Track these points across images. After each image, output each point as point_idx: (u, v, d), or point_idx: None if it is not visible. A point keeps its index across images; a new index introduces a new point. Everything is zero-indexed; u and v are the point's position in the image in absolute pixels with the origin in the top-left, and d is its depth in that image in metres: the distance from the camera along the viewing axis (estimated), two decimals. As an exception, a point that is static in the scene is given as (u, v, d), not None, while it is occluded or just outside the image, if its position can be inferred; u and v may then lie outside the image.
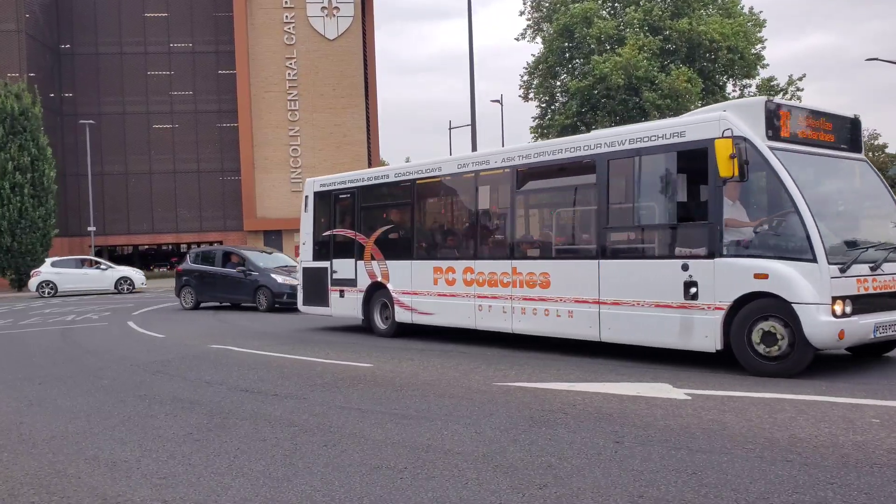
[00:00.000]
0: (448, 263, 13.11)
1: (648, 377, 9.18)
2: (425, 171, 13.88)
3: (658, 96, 41.54)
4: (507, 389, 8.69)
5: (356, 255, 14.97)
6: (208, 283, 23.40)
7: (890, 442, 6.02)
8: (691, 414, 7.19)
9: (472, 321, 12.61)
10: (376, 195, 15.04)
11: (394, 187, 14.56)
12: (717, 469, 5.50)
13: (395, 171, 14.67)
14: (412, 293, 13.73)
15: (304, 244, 16.43)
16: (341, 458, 6.17)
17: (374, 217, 15.00)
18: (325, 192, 16.07)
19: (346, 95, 50.64)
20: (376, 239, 14.65)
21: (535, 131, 50.26)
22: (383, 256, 14.40)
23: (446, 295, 13.03)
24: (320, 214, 16.14)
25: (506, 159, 12.25)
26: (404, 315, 13.91)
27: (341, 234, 15.52)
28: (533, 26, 50.10)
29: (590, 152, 10.85)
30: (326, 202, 15.97)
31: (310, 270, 16.23)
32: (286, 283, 21.41)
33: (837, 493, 4.93)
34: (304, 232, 16.43)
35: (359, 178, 15.38)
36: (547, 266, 11.45)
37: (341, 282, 15.33)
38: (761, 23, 47.11)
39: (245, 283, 22.39)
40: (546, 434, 6.65)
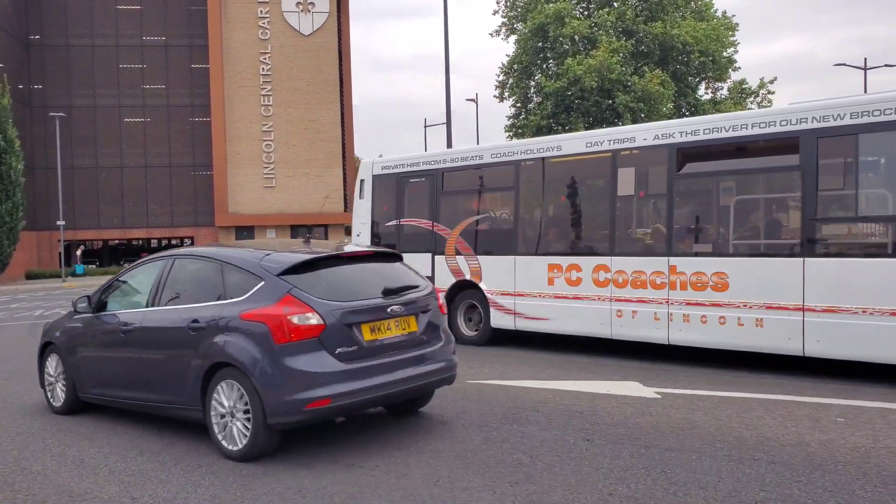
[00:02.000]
0: (570, 260, 11.07)
1: (619, 375, 9.25)
2: (538, 151, 11.68)
3: (631, 99, 41.83)
4: (480, 387, 8.71)
5: (434, 249, 12.88)
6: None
7: (854, 440, 6.12)
8: (661, 412, 7.26)
9: (607, 329, 10.59)
10: (465, 179, 12.84)
11: (491, 170, 12.35)
12: (687, 467, 5.56)
13: (491, 150, 12.39)
14: (515, 294, 11.70)
15: (357, 235, 14.20)
16: (313, 455, 6.14)
17: (462, 204, 12.97)
18: (389, 175, 13.72)
19: (321, 91, 50.38)
20: (463, 230, 12.55)
21: (509, 130, 50.38)
22: (473, 251, 12.37)
23: (567, 297, 10.98)
24: (381, 201, 13.89)
25: (661, 136, 10.23)
26: (503, 320, 11.88)
27: (412, 225, 13.42)
28: (507, 24, 50.20)
29: (791, 128, 9.04)
30: (391, 187, 13.70)
31: None
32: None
33: (803, 490, 5.01)
34: (359, 221, 14.21)
35: (439, 159, 13.10)
36: (723, 265, 9.49)
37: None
38: (734, 26, 47.61)
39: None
40: (518, 431, 6.67)
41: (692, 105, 46.78)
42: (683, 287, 9.83)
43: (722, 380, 8.87)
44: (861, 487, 5.03)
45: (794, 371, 9.24)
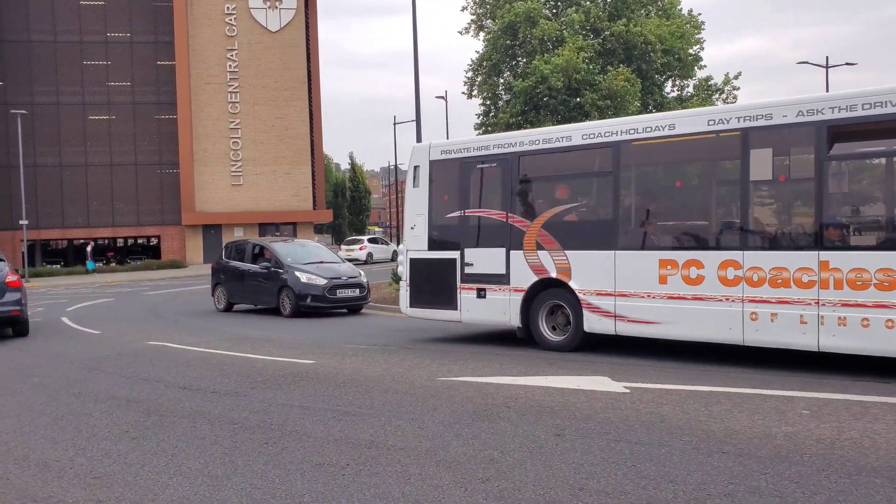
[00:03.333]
0: (689, 255, 9.71)
1: (588, 370, 9.31)
2: (644, 131, 10.24)
3: (598, 97, 42.12)
4: (450, 384, 8.71)
5: (509, 244, 11.39)
6: (238, 283, 19.65)
7: (818, 432, 6.22)
8: (630, 407, 7.32)
9: (737, 334, 9.30)
10: (548, 163, 11.51)
11: (582, 153, 11.00)
12: (656, 461, 5.60)
13: (582, 130, 11.04)
14: (616, 294, 10.28)
15: (411, 228, 12.65)
16: (282, 455, 6.10)
17: (544, 192, 11.70)
18: (450, 160, 12.25)
19: (289, 88, 50.05)
20: (547, 222, 11.06)
21: (478, 128, 50.44)
22: (560, 245, 10.85)
23: (685, 298, 9.64)
24: (441, 189, 12.43)
25: (806, 112, 8.91)
26: (600, 323, 10.47)
27: (481, 216, 11.88)
28: (476, 22, 50.25)
29: None
30: (453, 173, 12.21)
31: (422, 263, 12.49)
32: (311, 282, 17.65)
33: (770, 482, 5.07)
34: (413, 213, 12.66)
35: (515, 141, 11.61)
36: (893, 260, 8.30)
37: (481, 278, 11.66)
38: (699, 25, 48.14)
39: (268, 282, 18.55)
40: (489, 428, 6.68)
41: (658, 103, 47.21)
42: (839, 286, 8.57)
43: (689, 374, 8.96)
44: (826, 478, 5.11)
45: (760, 364, 9.36)
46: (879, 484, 4.96)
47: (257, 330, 15.32)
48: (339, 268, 18.71)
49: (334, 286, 17.63)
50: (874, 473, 5.18)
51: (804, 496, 4.79)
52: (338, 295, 17.64)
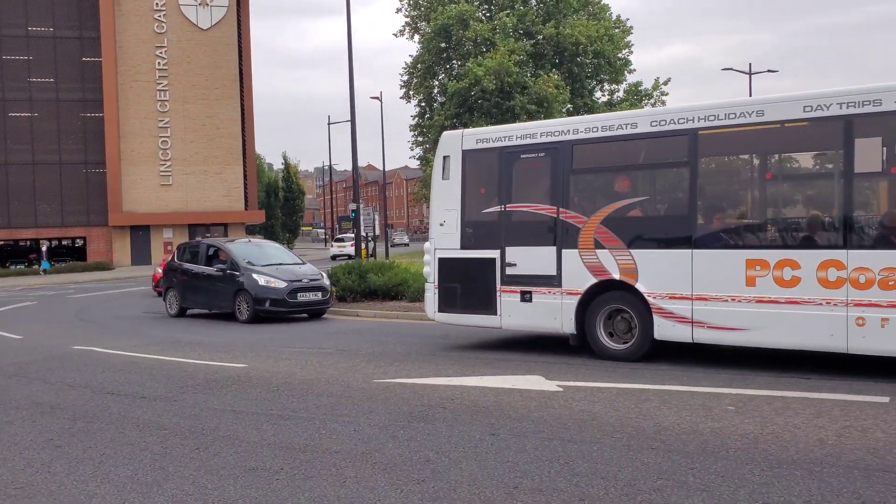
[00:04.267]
0: (782, 254, 8.85)
1: (522, 370, 9.41)
2: (727, 118, 9.26)
3: (528, 100, 42.66)
4: (386, 386, 8.70)
5: (561, 242, 10.32)
6: (191, 286, 18.32)
7: (743, 428, 6.43)
8: (563, 405, 7.44)
9: (841, 341, 8.48)
10: (608, 153, 10.51)
11: (651, 141, 9.97)
12: (588, 458, 5.71)
13: (651, 117, 10.02)
14: (694, 298, 9.31)
15: (440, 225, 11.44)
16: (214, 460, 6.00)
17: (604, 185, 10.72)
18: (488, 149, 11.13)
19: (220, 87, 49.15)
20: (608, 218, 10.02)
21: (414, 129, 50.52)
22: (623, 243, 9.84)
23: (777, 301, 8.77)
24: (476, 182, 11.40)
25: None
26: (674, 330, 9.49)
27: (527, 211, 10.85)
28: (411, 24, 50.32)
29: None
30: (491, 164, 11.15)
31: (454, 263, 11.30)
32: (270, 285, 16.49)
33: (698, 477, 5.23)
34: (441, 207, 11.48)
35: (567, 129, 10.49)
36: None
37: (526, 279, 10.58)
38: (628, 29, 49.20)
39: (223, 285, 17.28)
40: (424, 429, 6.70)
41: (588, 107, 48.06)
42: None
43: (620, 372, 9.15)
44: (750, 472, 5.29)
45: (687, 362, 9.62)
46: (799, 476, 5.16)
47: (188, 334, 15.00)
48: (300, 270, 17.62)
49: (295, 289, 16.55)
50: (794, 466, 5.38)
51: (729, 490, 4.95)
52: (298, 299, 16.57)
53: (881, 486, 4.91)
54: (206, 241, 20.25)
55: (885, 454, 5.59)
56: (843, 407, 7.03)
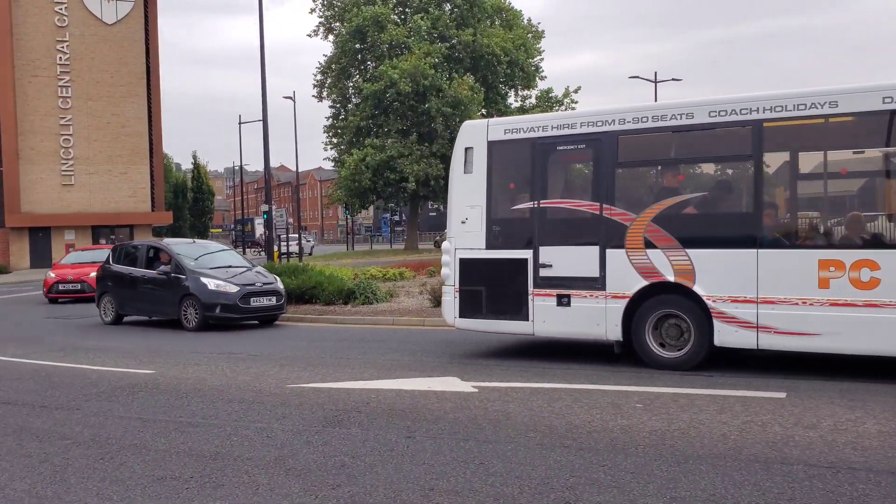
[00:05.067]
0: (858, 254, 8.29)
1: (438, 372, 9.44)
2: (794, 108, 8.67)
3: (443, 103, 42.92)
4: (300, 391, 8.58)
5: (605, 241, 9.58)
6: (129, 291, 16.94)
7: (651, 424, 6.63)
8: (478, 406, 7.50)
9: None
10: (661, 146, 9.83)
11: (708, 133, 9.31)
12: (503, 458, 5.78)
13: (710, 106, 9.17)
14: (760, 301, 8.69)
15: (462, 223, 10.52)
16: (120, 470, 5.79)
17: (655, 180, 10.03)
18: (518, 141, 10.28)
19: (126, 84, 47.46)
20: (660, 215, 9.29)
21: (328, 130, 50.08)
22: (679, 243, 9.14)
23: (855, 304, 8.22)
24: (505, 176, 10.66)
25: None
26: (737, 335, 8.85)
27: (564, 207, 10.18)
28: (325, 24, 49.88)
29: None
30: (522, 157, 10.39)
31: (479, 264, 10.43)
32: (221, 289, 15.32)
33: (608, 473, 5.36)
34: (463, 203, 10.56)
35: (612, 119, 9.64)
36: None
37: (563, 282, 9.80)
38: (540, 34, 50.10)
39: (167, 290, 15.99)
40: (339, 434, 6.64)
41: (502, 111, 48.69)
42: None
43: (533, 372, 9.30)
44: (658, 468, 5.45)
45: (597, 361, 9.85)
46: (705, 470, 5.36)
47: (88, 339, 14.42)
48: (251, 273, 16.45)
49: (248, 294, 15.39)
50: (700, 461, 5.58)
51: (639, 485, 5.10)
52: (252, 304, 15.42)
53: (780, 478, 5.15)
54: (146, 241, 19.06)
55: (783, 447, 5.86)
56: (744, 403, 7.33)
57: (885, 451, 5.69)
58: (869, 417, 6.64)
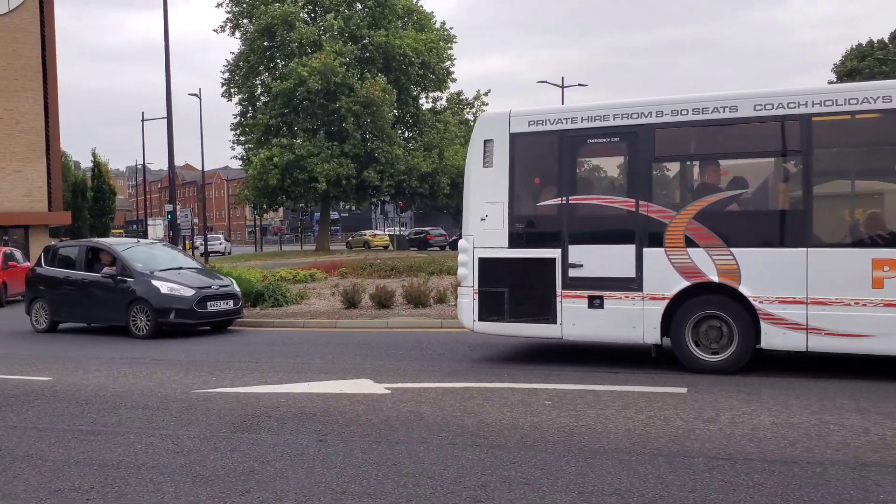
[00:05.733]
0: None
1: (351, 374, 9.38)
2: (845, 103, 8.40)
3: (354, 103, 42.68)
4: (207, 396, 8.37)
5: (641, 239, 9.13)
6: (66, 296, 15.44)
7: (560, 421, 6.77)
8: (391, 407, 7.49)
9: None
10: (702, 140, 9.37)
11: (755, 127, 8.95)
12: (415, 458, 5.79)
13: (754, 99, 8.79)
14: (809, 302, 8.40)
15: (481, 220, 9.88)
16: (14, 483, 5.52)
17: (695, 175, 9.53)
18: (544, 133, 9.73)
19: (20, 78, 45.20)
20: (702, 212, 8.90)
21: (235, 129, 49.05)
22: (722, 241, 8.77)
23: None
24: (529, 170, 10.15)
25: None
26: (785, 337, 8.57)
27: (597, 204, 9.75)
28: (232, 20, 48.81)
29: None
30: (548, 150, 9.86)
31: (500, 264, 9.82)
32: (175, 293, 14.15)
33: (519, 471, 5.44)
34: (482, 200, 9.92)
35: (648, 111, 9.22)
36: None
37: (595, 282, 9.33)
38: (451, 38, 50.42)
39: (112, 294, 14.64)
40: (248, 439, 6.52)
41: (413, 113, 48.80)
42: None
43: (444, 372, 9.35)
44: (567, 463, 5.58)
45: (508, 360, 9.99)
46: (611, 465, 5.51)
47: None
48: (204, 276, 15.41)
49: (204, 298, 14.25)
50: (606, 456, 5.74)
51: (548, 481, 5.20)
52: (209, 308, 14.26)
53: (682, 471, 5.34)
54: (84, 242, 17.71)
55: (684, 440, 6.09)
56: (647, 398, 7.58)
57: (778, 442, 5.98)
58: (763, 410, 6.97)
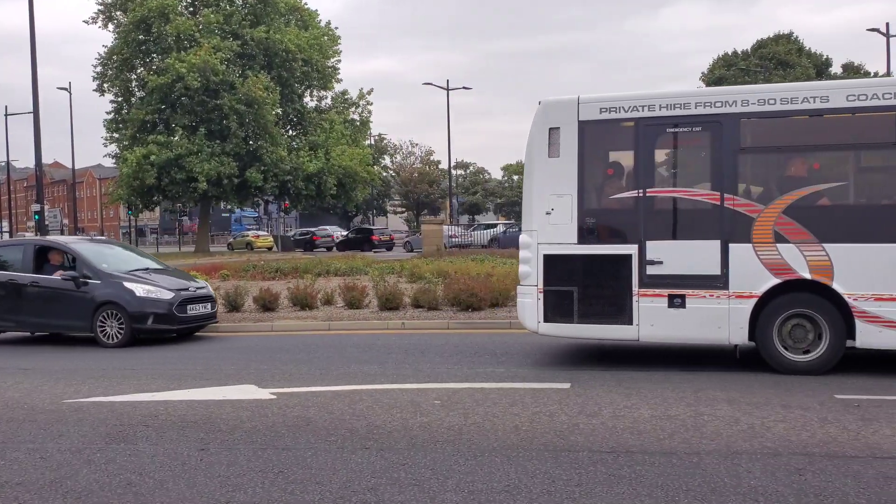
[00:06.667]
0: None
1: (233, 380, 9.09)
2: None
3: (236, 101, 41.63)
4: (79, 406, 7.91)
5: (727, 234, 8.73)
6: (9, 301, 13.56)
7: (449, 420, 6.80)
8: (277, 413, 7.31)
9: None
10: (791, 130, 9.05)
11: (847, 118, 8.65)
12: (303, 464, 5.67)
13: (847, 90, 8.62)
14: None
15: (547, 213, 9.28)
16: None
17: (784, 168, 9.06)
18: (617, 121, 9.26)
19: None
20: (792, 206, 8.58)
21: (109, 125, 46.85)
22: (815, 236, 8.46)
23: None
24: (601, 161, 9.66)
25: None
26: (882, 336, 8.31)
27: (677, 197, 9.14)
28: (105, 12, 46.58)
29: None
30: (622, 139, 9.48)
31: (568, 261, 9.26)
32: (152, 295, 12.83)
33: (409, 472, 5.42)
34: (547, 192, 9.32)
35: (735, 99, 8.89)
36: None
37: (676, 280, 8.89)
38: (336, 38, 49.95)
39: (72, 298, 13.03)
40: (125, 450, 6.20)
41: (298, 111, 48.09)
42: None
43: (333, 375, 9.22)
44: (456, 463, 5.60)
45: (398, 360, 9.96)
46: (500, 462, 5.58)
47: None
48: (175, 277, 14.13)
49: (184, 300, 13.04)
50: (495, 453, 5.80)
51: (438, 482, 5.20)
52: (189, 313, 13.08)
53: (567, 465, 5.46)
54: (29, 240, 15.98)
55: (569, 435, 6.24)
56: (533, 395, 7.72)
57: (658, 434, 6.22)
58: (643, 403, 7.23)
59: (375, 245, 47.10)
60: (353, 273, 20.62)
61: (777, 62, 52.18)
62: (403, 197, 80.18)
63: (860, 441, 5.90)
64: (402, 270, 20.68)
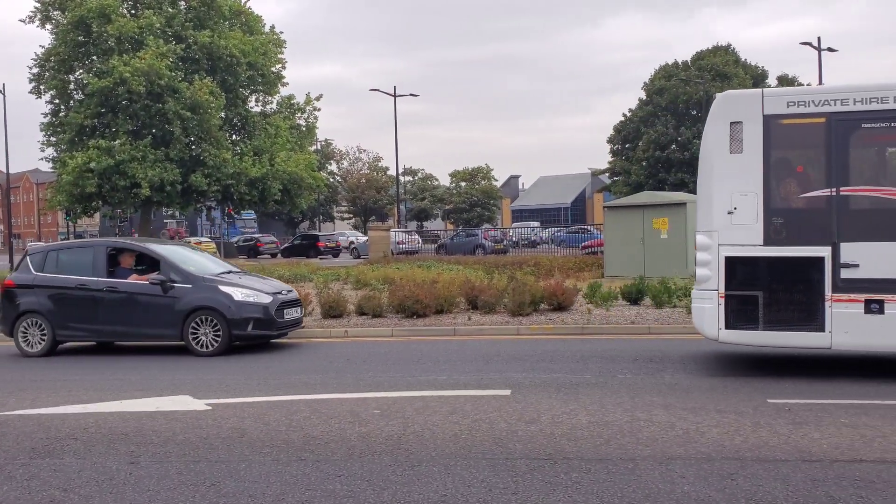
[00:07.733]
0: None
1: (168, 390, 8.87)
2: None
3: (181, 106, 40.89)
4: (3, 420, 7.61)
5: None
6: (81, 309, 12.35)
7: (388, 430, 6.73)
8: (211, 424, 7.15)
9: None
10: None
11: None
12: (236, 477, 5.54)
13: None
14: None
15: (730, 213, 8.74)
16: None
17: None
18: (806, 115, 8.71)
19: None
20: None
21: (46, 129, 45.52)
22: None
23: None
24: (789, 158, 9.18)
25: None
26: None
27: (876, 197, 8.62)
28: (42, 10, 45.29)
29: None
30: (813, 135, 8.85)
31: (753, 263, 8.76)
32: (250, 300, 11.96)
33: (344, 483, 5.34)
34: (729, 189, 8.78)
35: None
36: None
37: (874, 284, 8.30)
38: (281, 42, 49.45)
39: (161, 304, 12.01)
40: (50, 465, 5.98)
41: (243, 116, 47.48)
42: None
43: (271, 385, 9.06)
44: (393, 473, 5.53)
45: (340, 369, 9.84)
46: (437, 472, 5.53)
47: None
48: (262, 280, 13.37)
49: (281, 304, 12.26)
50: (433, 463, 5.75)
51: (374, 493, 5.13)
52: (286, 317, 12.32)
53: (504, 474, 5.45)
54: (100, 241, 15.49)
55: (507, 442, 6.23)
56: (474, 402, 7.70)
57: (595, 440, 6.25)
58: (581, 409, 7.27)
59: (321, 251, 46.80)
60: (298, 280, 20.38)
61: (715, 73, 53.31)
62: (351, 203, 79.69)
63: (790, 444, 6.02)
64: (347, 277, 20.52)
